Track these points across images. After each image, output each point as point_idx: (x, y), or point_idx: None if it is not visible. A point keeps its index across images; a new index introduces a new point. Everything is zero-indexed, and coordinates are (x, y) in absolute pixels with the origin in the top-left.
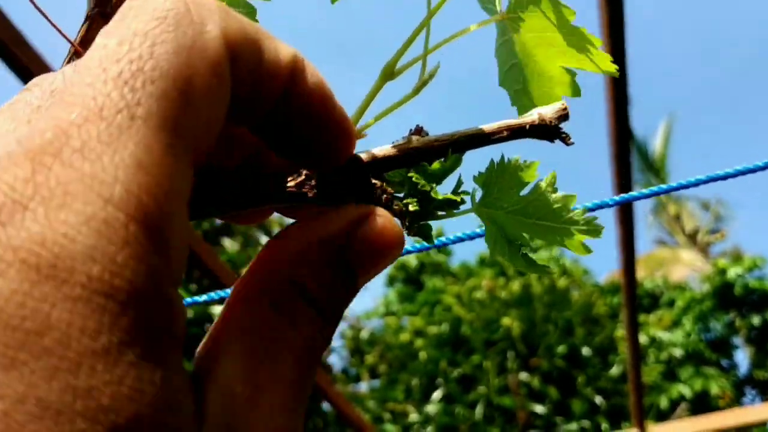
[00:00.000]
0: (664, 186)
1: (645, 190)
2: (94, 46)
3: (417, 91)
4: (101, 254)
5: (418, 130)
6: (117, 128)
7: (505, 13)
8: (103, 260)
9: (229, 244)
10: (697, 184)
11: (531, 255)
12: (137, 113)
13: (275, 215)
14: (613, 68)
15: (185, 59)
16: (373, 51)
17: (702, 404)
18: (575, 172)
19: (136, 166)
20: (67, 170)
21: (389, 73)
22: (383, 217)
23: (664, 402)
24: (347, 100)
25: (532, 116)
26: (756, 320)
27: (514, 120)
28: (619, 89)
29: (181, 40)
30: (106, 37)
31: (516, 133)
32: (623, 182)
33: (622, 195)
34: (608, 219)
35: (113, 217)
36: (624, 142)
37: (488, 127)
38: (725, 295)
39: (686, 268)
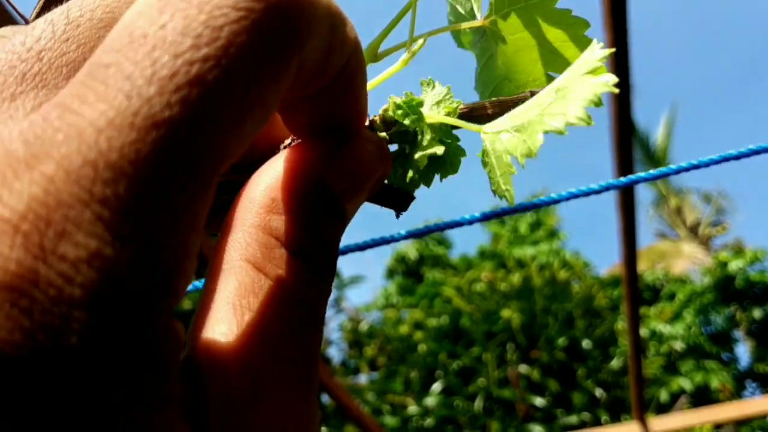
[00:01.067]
0: (668, 168)
1: (646, 173)
2: (145, 11)
3: (405, 63)
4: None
5: None
6: (146, 146)
7: (485, 18)
8: None
9: None
10: (698, 166)
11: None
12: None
13: None
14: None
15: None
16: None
17: (702, 397)
18: (577, 167)
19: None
20: (72, 187)
21: (373, 54)
22: (360, 136)
23: (664, 395)
24: None
25: (524, 94)
26: (757, 313)
27: (506, 97)
28: (621, 75)
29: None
30: (167, 5)
31: (506, 108)
32: (625, 167)
33: (625, 177)
34: (610, 210)
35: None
36: (626, 129)
37: (480, 102)
38: (726, 288)
39: (687, 261)
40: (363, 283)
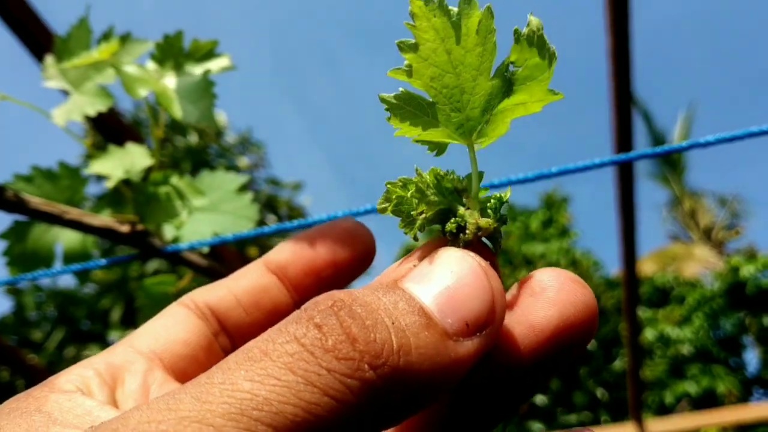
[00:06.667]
0: (668, 146)
1: (647, 150)
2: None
3: None
4: None
5: None
6: None
7: None
8: None
9: None
10: (695, 146)
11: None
12: None
13: None
14: None
15: None
16: (394, 36)
17: (708, 402)
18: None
19: None
20: None
21: None
22: None
23: (669, 398)
24: (370, 86)
25: None
26: (767, 320)
27: None
28: (620, 50)
29: None
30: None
31: None
32: (623, 145)
33: (623, 154)
34: (611, 212)
35: None
36: (625, 106)
37: None
38: (737, 294)
39: (699, 265)
40: (367, 277)
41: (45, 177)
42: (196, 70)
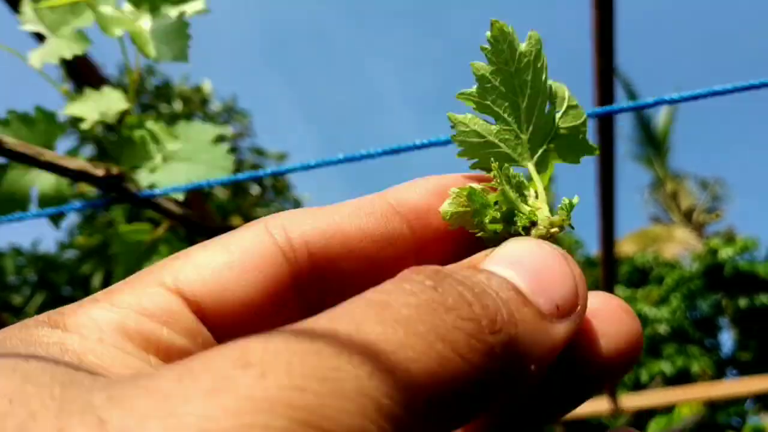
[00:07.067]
0: (646, 101)
1: (624, 104)
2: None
3: None
4: None
5: None
6: None
7: None
8: None
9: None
10: (667, 101)
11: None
12: None
13: None
14: None
15: None
16: (392, 19)
17: (682, 381)
18: None
19: None
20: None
21: None
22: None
23: (644, 376)
24: (359, 59)
25: None
26: (743, 302)
27: None
28: (604, 25)
29: None
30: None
31: None
32: (605, 97)
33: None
34: (590, 193)
35: None
36: (607, 81)
37: None
38: (715, 276)
39: (679, 246)
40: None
41: (21, 121)
42: (172, 12)
